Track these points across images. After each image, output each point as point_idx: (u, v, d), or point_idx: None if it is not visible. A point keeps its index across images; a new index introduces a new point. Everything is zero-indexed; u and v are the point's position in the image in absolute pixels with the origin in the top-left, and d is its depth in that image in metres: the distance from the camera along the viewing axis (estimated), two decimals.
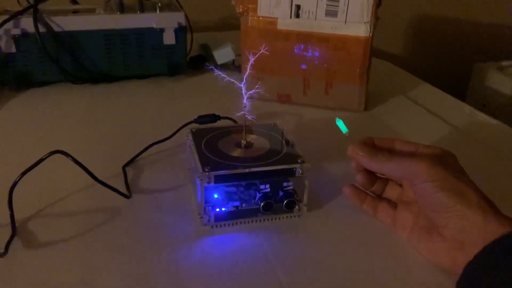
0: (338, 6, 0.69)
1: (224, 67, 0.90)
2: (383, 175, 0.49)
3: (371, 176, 0.48)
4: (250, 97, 0.48)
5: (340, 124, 0.48)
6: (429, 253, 0.43)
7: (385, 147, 0.46)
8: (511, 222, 0.37)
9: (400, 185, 0.48)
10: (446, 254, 0.41)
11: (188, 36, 0.88)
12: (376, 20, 0.69)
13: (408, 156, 0.43)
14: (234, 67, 0.90)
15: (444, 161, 0.42)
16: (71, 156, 0.48)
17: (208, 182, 0.44)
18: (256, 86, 0.48)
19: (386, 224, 0.48)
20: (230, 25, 1.05)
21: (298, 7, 0.70)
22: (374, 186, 0.49)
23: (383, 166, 0.44)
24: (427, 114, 0.76)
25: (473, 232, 0.38)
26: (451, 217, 0.39)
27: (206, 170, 0.44)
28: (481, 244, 0.37)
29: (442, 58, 1.53)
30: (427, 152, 0.43)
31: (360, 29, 0.69)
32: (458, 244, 0.39)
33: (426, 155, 0.42)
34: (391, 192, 0.49)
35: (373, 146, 0.46)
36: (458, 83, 1.32)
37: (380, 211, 0.48)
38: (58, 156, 0.48)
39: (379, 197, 0.50)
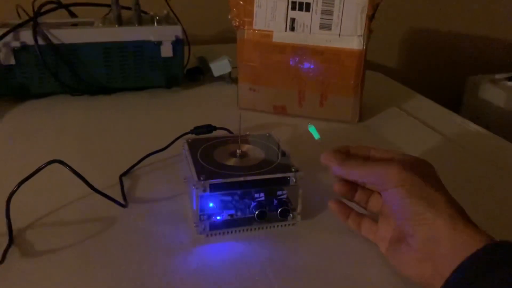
0: (332, 19, 0.70)
1: (220, 79, 0.92)
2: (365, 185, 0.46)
3: (350, 185, 0.46)
4: (246, 109, 0.49)
5: (313, 130, 0.50)
6: (398, 263, 0.41)
7: (360, 155, 0.45)
8: (481, 234, 0.35)
9: None
10: (414, 266, 0.39)
11: (186, 48, 0.89)
12: (370, 33, 0.70)
13: (381, 161, 0.42)
14: (230, 79, 0.92)
15: (417, 168, 0.40)
16: (68, 166, 0.49)
17: (203, 191, 0.45)
18: (252, 97, 0.49)
19: (370, 240, 0.46)
20: (227, 38, 1.07)
21: (293, 20, 0.72)
22: (357, 196, 0.47)
23: (354, 172, 0.43)
24: (421, 125, 0.77)
25: (442, 242, 0.36)
26: (420, 225, 0.37)
27: (201, 178, 0.45)
28: (450, 256, 0.35)
29: (436, 71, 1.55)
30: (400, 158, 0.42)
31: (353, 42, 0.70)
32: (426, 255, 0.37)
33: (399, 160, 0.41)
34: (376, 202, 0.46)
35: (347, 154, 0.45)
36: (452, 96, 1.34)
37: (363, 227, 0.46)
38: (55, 165, 0.48)
39: (365, 209, 0.47)
